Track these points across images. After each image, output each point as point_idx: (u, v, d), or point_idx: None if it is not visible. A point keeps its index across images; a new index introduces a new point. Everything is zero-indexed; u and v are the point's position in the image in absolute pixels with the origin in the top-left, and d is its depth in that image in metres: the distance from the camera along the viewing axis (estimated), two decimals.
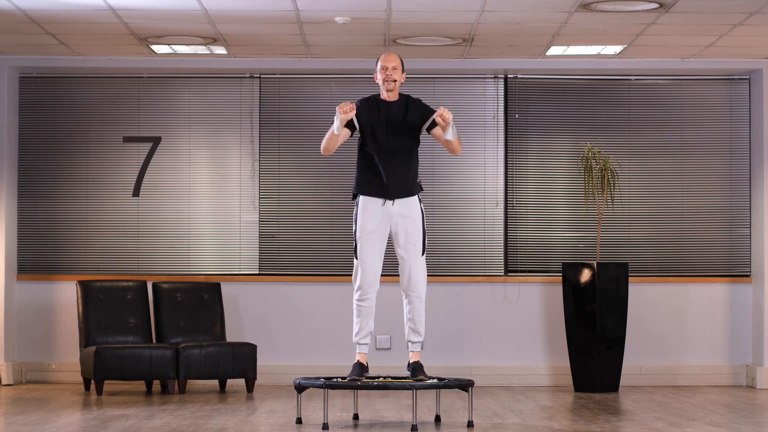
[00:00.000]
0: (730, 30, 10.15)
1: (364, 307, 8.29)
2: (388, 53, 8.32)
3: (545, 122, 11.74)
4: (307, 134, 11.69)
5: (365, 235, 8.23)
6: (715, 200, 11.73)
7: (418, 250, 8.27)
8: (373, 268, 8.24)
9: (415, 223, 8.26)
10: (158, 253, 11.68)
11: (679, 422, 8.55)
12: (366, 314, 8.30)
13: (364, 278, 8.25)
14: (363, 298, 8.28)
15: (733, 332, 11.67)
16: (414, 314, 8.31)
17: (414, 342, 8.32)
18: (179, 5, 9.39)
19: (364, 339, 8.31)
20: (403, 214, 8.25)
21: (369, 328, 8.32)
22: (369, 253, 8.23)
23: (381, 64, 8.27)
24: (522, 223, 11.70)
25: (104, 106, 11.73)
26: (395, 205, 8.25)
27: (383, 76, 8.26)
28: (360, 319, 8.31)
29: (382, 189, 8.22)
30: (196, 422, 8.44)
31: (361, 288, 8.27)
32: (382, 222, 8.24)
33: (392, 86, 8.26)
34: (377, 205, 8.25)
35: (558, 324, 11.46)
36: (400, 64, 8.31)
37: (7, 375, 11.29)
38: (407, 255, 8.25)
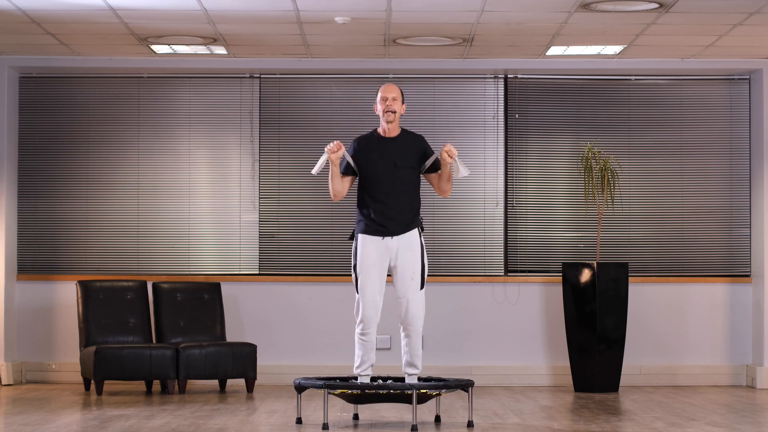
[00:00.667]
0: (730, 30, 10.15)
1: (366, 342, 8.28)
2: (387, 84, 8.33)
3: (545, 122, 11.74)
4: (307, 134, 11.69)
5: (365, 269, 8.20)
6: (715, 200, 11.73)
7: (417, 284, 8.22)
8: (374, 302, 8.21)
9: (414, 256, 8.21)
10: (158, 253, 11.68)
11: (679, 422, 8.55)
12: (368, 348, 8.29)
13: (365, 313, 8.22)
14: (365, 332, 8.26)
15: (733, 332, 11.67)
16: (411, 348, 8.29)
17: (410, 374, 8.31)
18: (179, 5, 9.39)
19: (366, 371, 8.31)
20: (402, 248, 8.21)
21: (371, 360, 8.31)
22: (370, 288, 8.21)
23: (381, 95, 8.27)
24: (522, 223, 11.70)
25: (104, 106, 11.73)
26: (394, 240, 8.22)
27: (383, 107, 8.25)
28: (362, 352, 8.29)
29: (383, 228, 8.18)
30: (196, 422, 8.44)
31: (363, 323, 8.25)
32: (382, 256, 8.21)
33: (392, 117, 8.24)
34: (377, 239, 8.22)
35: (558, 324, 11.46)
36: (400, 95, 8.28)
37: (7, 375, 11.29)
38: (405, 289, 8.21)
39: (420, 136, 8.39)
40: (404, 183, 8.24)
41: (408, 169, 8.25)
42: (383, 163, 8.21)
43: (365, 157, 8.24)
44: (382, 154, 8.22)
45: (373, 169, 8.22)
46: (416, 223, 8.28)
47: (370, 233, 8.21)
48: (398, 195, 8.21)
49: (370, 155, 8.23)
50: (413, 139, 8.34)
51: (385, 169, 8.21)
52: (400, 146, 8.26)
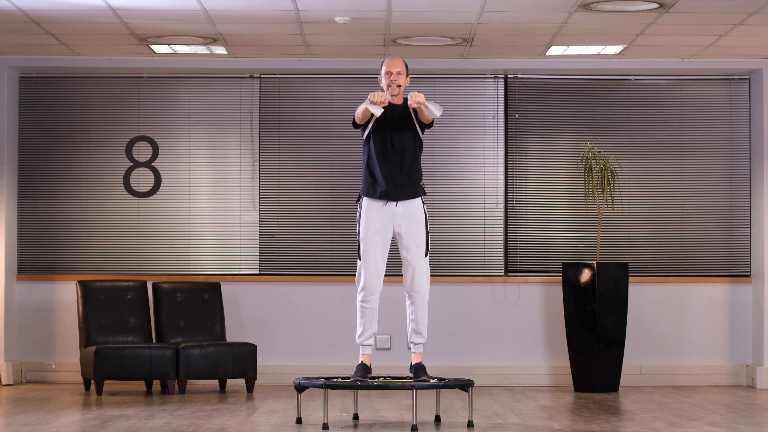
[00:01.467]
0: (730, 30, 10.15)
1: (367, 309, 8.29)
2: (392, 58, 8.35)
3: (545, 122, 11.74)
4: (307, 134, 11.69)
5: (369, 236, 8.24)
6: (715, 200, 11.73)
7: (422, 251, 8.27)
8: (377, 269, 8.25)
9: (418, 224, 8.28)
10: (158, 253, 11.68)
11: (679, 422, 8.55)
12: (370, 316, 8.30)
13: (368, 280, 8.25)
14: (367, 299, 8.28)
15: (733, 332, 11.67)
16: (417, 315, 8.31)
17: (416, 343, 8.32)
18: (179, 5, 9.39)
19: (368, 340, 8.31)
20: (406, 216, 8.26)
21: (373, 329, 8.31)
22: (372, 255, 8.24)
23: (385, 69, 8.31)
24: (522, 223, 11.70)
25: (104, 106, 11.73)
26: (398, 206, 8.26)
27: (387, 81, 8.29)
28: (363, 320, 8.30)
29: (386, 192, 8.24)
30: (196, 422, 8.44)
31: (364, 289, 8.27)
32: (386, 223, 8.26)
33: (397, 91, 8.30)
34: (380, 207, 8.26)
35: (558, 324, 11.46)
36: (405, 69, 8.33)
37: (7, 375, 11.29)
38: (410, 256, 8.26)
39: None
40: (406, 148, 8.28)
41: (409, 133, 8.30)
42: (386, 128, 8.25)
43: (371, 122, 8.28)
44: (386, 120, 8.26)
45: (378, 133, 8.25)
46: (419, 189, 8.31)
47: (374, 196, 8.24)
48: (400, 160, 8.26)
49: (375, 120, 8.26)
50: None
51: (388, 134, 8.25)
52: (402, 113, 8.30)
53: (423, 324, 8.32)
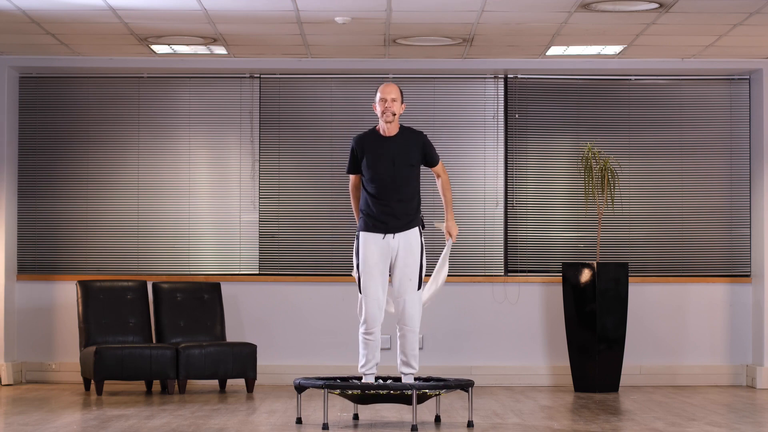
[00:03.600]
0: (730, 30, 10.15)
1: (370, 341, 8.30)
2: (387, 84, 8.33)
3: (545, 122, 11.74)
4: (307, 134, 11.69)
5: (368, 269, 8.23)
6: (715, 200, 11.72)
7: (414, 285, 8.25)
8: (378, 301, 8.24)
9: (413, 256, 8.25)
10: (158, 253, 11.68)
11: (679, 422, 8.55)
12: (372, 347, 8.30)
13: (369, 312, 8.24)
14: (369, 331, 8.28)
15: (733, 332, 11.67)
16: (406, 348, 8.30)
17: (406, 374, 8.32)
18: (179, 5, 9.39)
19: (371, 370, 8.32)
20: (402, 247, 8.25)
21: (376, 360, 8.33)
22: (373, 288, 8.23)
23: (380, 96, 8.27)
24: (522, 223, 11.70)
25: (104, 106, 11.73)
26: (395, 238, 8.25)
27: (382, 108, 8.25)
28: (366, 351, 8.31)
29: (383, 225, 8.22)
30: (196, 422, 8.44)
31: (366, 322, 8.27)
32: (383, 255, 8.24)
33: (391, 118, 8.26)
34: (378, 239, 8.24)
35: (558, 324, 11.46)
36: (399, 96, 8.29)
37: (7, 375, 11.29)
38: (403, 289, 8.25)
39: (420, 133, 8.40)
40: (404, 181, 8.26)
41: (407, 167, 8.27)
42: (382, 162, 8.23)
43: (364, 155, 8.26)
44: (381, 152, 8.24)
45: (372, 167, 8.24)
46: (417, 220, 8.30)
47: (371, 230, 8.23)
48: (398, 193, 8.23)
49: (369, 154, 8.25)
50: (412, 135, 8.35)
51: (384, 167, 8.23)
52: (399, 144, 8.27)
53: (414, 356, 8.31)
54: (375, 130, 8.36)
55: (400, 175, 8.23)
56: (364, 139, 8.34)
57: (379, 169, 8.22)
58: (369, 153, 8.26)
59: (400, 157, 8.24)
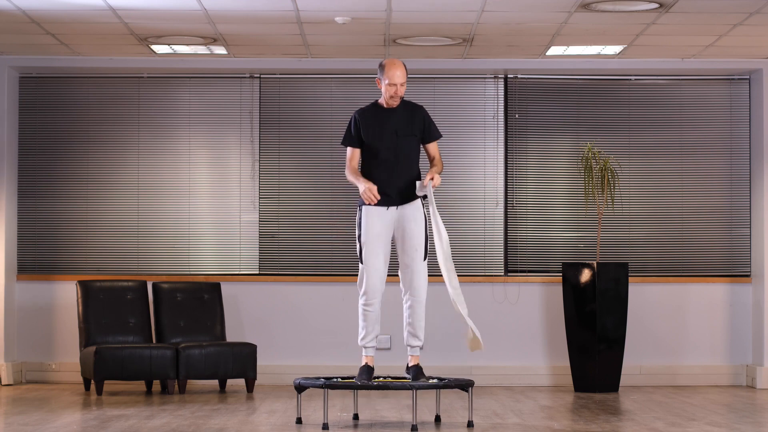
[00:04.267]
0: (730, 30, 10.15)
1: (370, 312, 8.28)
2: (394, 65, 8.19)
3: (545, 122, 11.74)
4: (307, 134, 11.69)
5: (370, 240, 8.22)
6: (715, 200, 11.72)
7: (420, 254, 8.26)
8: (379, 272, 8.23)
9: (417, 227, 8.26)
10: (158, 253, 11.68)
11: (679, 422, 8.55)
12: (372, 319, 8.29)
13: (370, 283, 8.23)
14: (369, 302, 8.27)
15: (733, 332, 11.67)
16: (414, 318, 8.29)
17: (413, 346, 8.31)
18: (179, 5, 9.39)
19: (371, 343, 8.31)
20: (406, 218, 8.25)
21: (375, 332, 8.31)
22: (374, 258, 8.22)
23: (388, 80, 8.17)
24: (522, 223, 11.70)
25: (104, 106, 11.73)
26: (398, 209, 8.25)
27: (391, 92, 8.19)
28: (366, 323, 8.29)
29: (386, 197, 8.22)
30: (196, 422, 8.44)
31: (366, 293, 8.26)
32: (386, 226, 8.24)
33: (398, 101, 8.25)
34: (381, 210, 8.24)
35: (558, 324, 11.46)
36: (406, 76, 8.26)
37: (7, 375, 11.29)
38: (409, 259, 8.25)
39: (421, 107, 8.38)
40: (406, 152, 8.27)
41: (410, 137, 8.28)
42: (385, 133, 8.23)
43: (367, 129, 8.25)
44: (383, 124, 8.24)
45: (375, 139, 8.23)
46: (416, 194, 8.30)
47: (376, 204, 8.21)
48: (401, 164, 8.24)
49: (372, 126, 8.25)
50: (414, 108, 8.35)
51: (387, 138, 8.23)
52: (401, 116, 8.27)
53: (420, 327, 8.31)
54: (375, 103, 8.35)
55: (403, 146, 8.24)
56: (365, 113, 8.30)
57: (382, 141, 8.22)
58: (372, 126, 8.25)
59: (403, 128, 8.25)
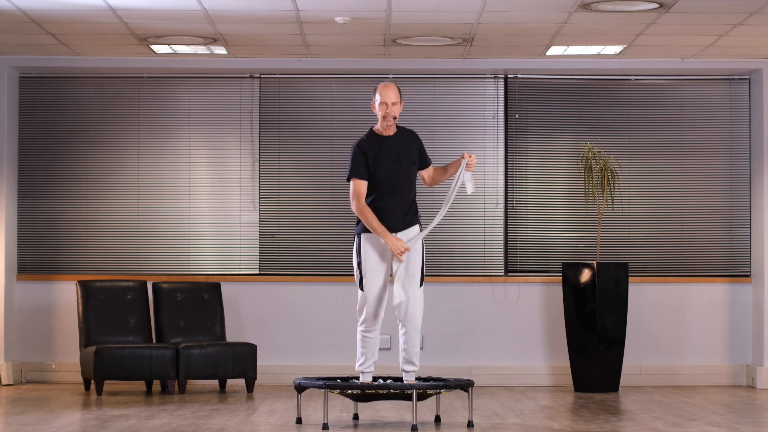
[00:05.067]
0: (730, 30, 10.15)
1: (369, 339, 8.29)
2: (386, 86, 8.26)
3: (545, 122, 11.74)
4: (307, 134, 11.69)
5: (369, 268, 8.22)
6: (715, 200, 11.73)
7: (416, 282, 8.24)
8: (378, 300, 8.23)
9: (415, 255, 8.25)
10: (158, 253, 11.68)
11: (679, 422, 8.55)
12: (371, 346, 8.29)
13: (369, 311, 8.24)
14: (368, 330, 8.27)
15: (733, 332, 11.67)
16: (409, 345, 8.28)
17: (408, 372, 8.30)
18: (179, 5, 9.40)
19: (369, 368, 8.31)
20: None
21: (374, 358, 8.31)
22: (374, 286, 8.22)
23: (380, 99, 8.22)
24: (522, 223, 11.70)
25: (104, 106, 11.73)
26: (398, 236, 8.23)
27: (383, 112, 8.23)
28: (365, 350, 8.29)
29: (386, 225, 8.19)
30: (196, 422, 8.44)
31: (366, 321, 8.26)
32: (384, 254, 8.24)
33: (392, 122, 8.27)
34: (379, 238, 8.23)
35: (558, 324, 11.46)
36: (399, 98, 8.26)
37: (7, 375, 11.29)
38: (405, 287, 8.23)
39: (414, 133, 8.43)
40: (407, 179, 8.29)
41: (410, 165, 8.30)
42: (389, 162, 8.23)
43: (373, 159, 8.25)
44: (386, 153, 8.24)
45: (380, 169, 8.23)
46: (416, 219, 8.31)
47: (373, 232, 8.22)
48: (401, 191, 8.25)
49: (376, 156, 8.24)
50: (409, 135, 8.39)
51: (390, 167, 8.23)
52: (401, 143, 8.30)
53: (415, 354, 8.30)
54: (373, 132, 8.36)
55: (404, 173, 8.25)
56: (368, 143, 8.31)
57: (384, 169, 8.22)
58: (375, 156, 8.25)
59: (404, 154, 8.27)
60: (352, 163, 8.27)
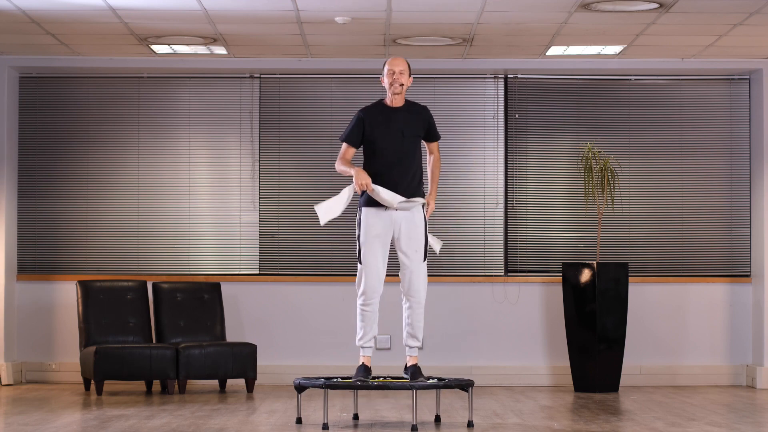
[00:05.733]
0: (730, 30, 10.15)
1: (368, 312, 8.29)
2: (395, 57, 8.33)
3: (545, 122, 11.74)
4: (307, 134, 11.69)
5: (369, 240, 8.22)
6: (715, 200, 11.73)
7: (420, 255, 8.26)
8: (377, 273, 8.23)
9: (417, 228, 8.26)
10: (158, 253, 11.68)
11: (679, 422, 8.55)
12: (370, 319, 8.29)
13: (368, 283, 8.24)
14: (367, 303, 8.27)
15: (733, 332, 11.67)
16: (413, 319, 8.30)
17: (411, 347, 8.31)
18: (179, 5, 9.40)
19: (368, 343, 8.31)
20: (406, 219, 8.25)
21: (373, 332, 8.31)
22: (373, 258, 8.23)
23: (388, 68, 8.26)
24: (522, 223, 11.70)
25: (104, 106, 11.73)
26: (399, 211, 8.24)
27: (390, 80, 8.25)
28: (364, 323, 8.29)
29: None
30: (196, 422, 8.44)
31: (365, 293, 8.26)
32: (386, 227, 8.24)
33: (399, 90, 8.26)
34: (381, 210, 8.24)
35: (558, 324, 11.46)
36: (407, 68, 8.30)
37: (7, 375, 11.29)
38: (409, 260, 8.24)
39: (425, 107, 8.41)
40: (410, 152, 8.28)
41: (414, 138, 8.30)
42: (390, 133, 8.24)
43: (372, 128, 8.26)
44: (389, 123, 8.25)
45: (381, 138, 8.24)
46: (419, 193, 8.30)
47: (376, 205, 8.22)
48: (404, 164, 8.24)
49: (378, 125, 8.25)
50: (418, 109, 8.37)
51: (392, 138, 8.23)
52: (406, 116, 8.30)
53: (419, 328, 8.31)
54: (380, 101, 8.37)
55: (407, 146, 8.24)
56: (371, 112, 8.31)
57: (387, 141, 8.22)
58: (377, 126, 8.25)
59: (408, 128, 8.27)
60: (348, 126, 8.36)
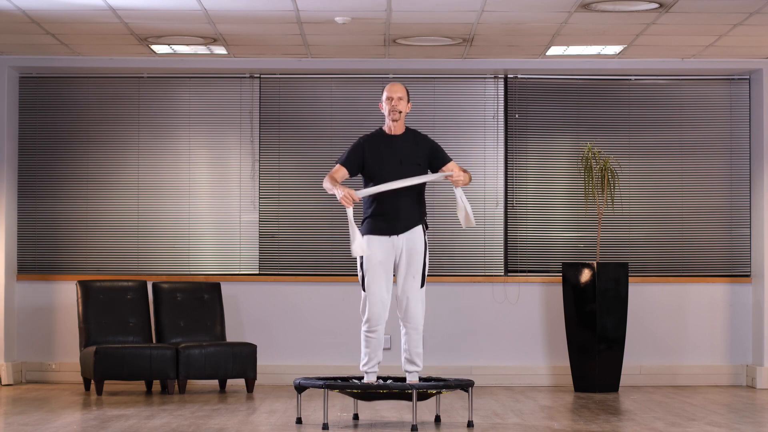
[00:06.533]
0: (730, 30, 10.15)
1: (373, 339, 8.29)
2: (393, 83, 8.32)
3: (545, 122, 11.74)
4: (307, 134, 11.69)
5: (372, 267, 8.20)
6: (715, 200, 11.73)
7: (417, 283, 8.24)
8: (382, 300, 8.21)
9: (417, 255, 8.23)
10: (158, 253, 11.68)
11: (679, 422, 8.55)
12: (375, 346, 8.29)
13: (372, 311, 8.22)
14: (372, 329, 8.26)
15: (733, 332, 11.67)
16: (410, 345, 8.28)
17: (410, 372, 8.30)
18: (179, 5, 9.40)
19: (373, 368, 8.30)
20: (407, 247, 8.23)
21: (378, 358, 8.31)
22: (377, 286, 8.21)
23: (386, 94, 8.26)
24: (522, 223, 11.70)
25: (104, 106, 11.73)
26: (401, 237, 8.23)
27: (389, 107, 8.25)
28: (369, 350, 8.29)
29: (389, 227, 8.19)
30: (196, 422, 8.44)
31: (369, 320, 8.24)
32: (387, 253, 8.22)
33: (398, 117, 8.25)
34: (383, 238, 8.22)
35: (558, 324, 11.46)
36: (406, 94, 8.29)
37: (7, 375, 11.29)
38: (407, 287, 8.22)
39: (425, 135, 8.41)
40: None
41: (414, 166, 8.26)
42: (389, 161, 8.23)
43: (371, 156, 8.25)
44: (388, 152, 8.24)
45: (379, 167, 8.23)
46: (421, 220, 8.29)
47: (377, 233, 8.21)
48: (403, 192, 8.21)
49: (376, 153, 8.25)
50: (418, 137, 8.37)
51: (391, 166, 8.22)
52: (406, 144, 8.28)
53: (417, 354, 8.29)
54: (380, 130, 8.37)
55: (405, 175, 8.22)
56: (371, 140, 8.31)
57: (387, 168, 8.21)
58: (376, 153, 8.25)
59: (407, 156, 8.25)
60: (347, 150, 8.34)
